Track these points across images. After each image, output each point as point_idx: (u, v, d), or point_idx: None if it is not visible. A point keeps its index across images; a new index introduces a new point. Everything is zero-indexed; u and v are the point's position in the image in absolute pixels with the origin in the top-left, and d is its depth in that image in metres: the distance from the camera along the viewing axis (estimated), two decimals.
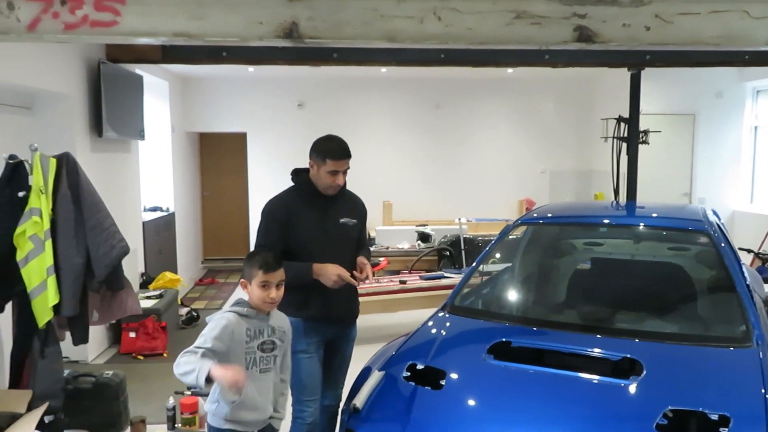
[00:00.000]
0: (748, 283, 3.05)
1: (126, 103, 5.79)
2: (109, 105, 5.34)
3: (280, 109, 9.36)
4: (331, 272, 2.76)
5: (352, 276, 2.84)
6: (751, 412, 2.10)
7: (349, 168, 2.92)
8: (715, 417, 2.10)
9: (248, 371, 2.38)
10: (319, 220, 2.90)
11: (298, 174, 3.00)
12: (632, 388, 2.32)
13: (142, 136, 6.31)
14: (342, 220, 2.95)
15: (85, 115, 5.17)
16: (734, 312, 2.85)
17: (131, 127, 5.97)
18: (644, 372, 2.41)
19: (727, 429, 2.04)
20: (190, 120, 9.16)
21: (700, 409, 2.14)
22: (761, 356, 2.49)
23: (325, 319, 2.92)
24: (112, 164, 5.77)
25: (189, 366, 2.26)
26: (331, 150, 2.87)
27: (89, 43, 5.13)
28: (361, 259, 2.96)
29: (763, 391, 2.22)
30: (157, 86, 7.74)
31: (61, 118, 4.88)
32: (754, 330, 2.67)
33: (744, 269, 3.29)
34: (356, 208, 3.09)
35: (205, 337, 2.33)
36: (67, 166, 3.45)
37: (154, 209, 7.61)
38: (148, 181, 7.32)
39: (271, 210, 2.90)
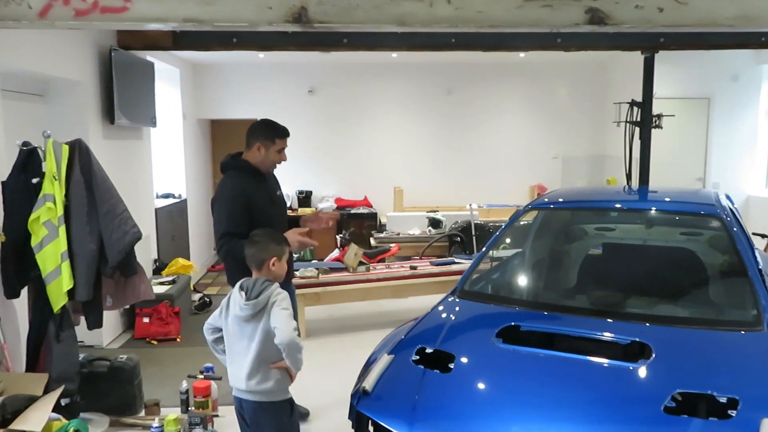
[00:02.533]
0: (760, 267, 3.03)
1: (138, 90, 5.81)
2: (121, 92, 5.37)
3: (290, 95, 9.36)
4: (294, 239, 3.07)
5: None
6: (759, 394, 2.10)
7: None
8: (723, 400, 2.09)
9: None
10: (267, 195, 3.32)
11: (234, 160, 3.34)
12: (641, 372, 2.32)
13: (153, 123, 6.34)
14: (278, 193, 3.46)
15: (97, 102, 5.21)
16: (746, 296, 2.84)
17: (143, 114, 6.00)
18: (653, 355, 2.41)
19: (735, 411, 2.04)
20: (202, 107, 9.19)
21: (709, 392, 2.14)
22: None
23: (291, 279, 3.53)
24: (125, 151, 5.81)
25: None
26: (278, 130, 3.31)
27: (100, 30, 5.15)
28: (313, 214, 3.57)
29: None
30: (168, 73, 7.76)
31: (73, 105, 4.92)
32: (765, 314, 2.66)
33: (757, 254, 3.27)
34: (278, 182, 3.57)
35: (291, 313, 2.51)
36: (79, 153, 3.49)
37: (167, 196, 7.67)
38: (160, 167, 7.37)
39: (233, 199, 3.17)
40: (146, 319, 5.45)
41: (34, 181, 3.35)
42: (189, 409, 3.82)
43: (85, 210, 3.44)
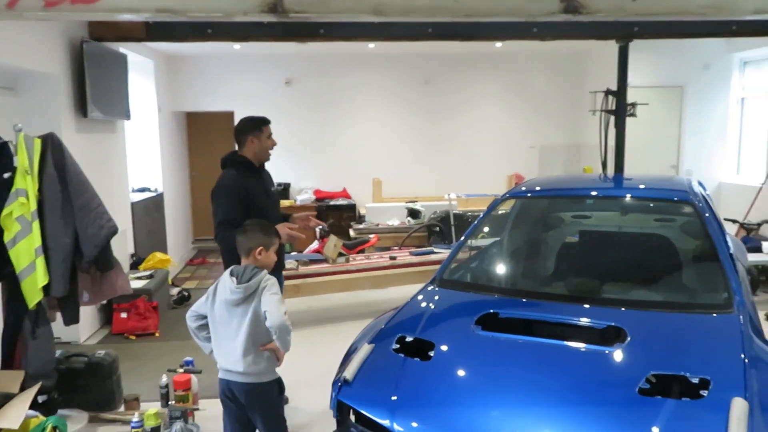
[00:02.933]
0: (731, 252, 3.10)
1: (111, 83, 5.72)
2: (94, 84, 5.28)
3: (267, 86, 9.29)
4: (283, 232, 3.27)
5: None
6: (730, 375, 2.15)
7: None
8: (695, 380, 2.15)
9: None
10: (262, 189, 3.56)
11: (234, 156, 3.56)
12: (616, 355, 2.36)
13: (128, 116, 6.25)
14: (272, 188, 3.72)
15: (70, 94, 5.12)
16: (717, 280, 2.90)
17: (116, 106, 5.91)
18: (628, 339, 2.45)
19: (707, 392, 2.09)
20: (177, 99, 9.08)
21: (682, 373, 2.19)
22: (741, 321, 2.55)
23: (282, 268, 3.70)
24: (99, 145, 5.72)
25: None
26: (262, 120, 3.55)
27: (72, 21, 5.05)
28: (305, 214, 3.79)
29: (742, 355, 2.27)
30: (141, 65, 7.64)
31: (44, 98, 4.83)
32: (735, 296, 2.73)
33: (728, 239, 3.34)
34: (272, 179, 3.81)
35: (281, 299, 2.66)
36: (52, 147, 3.43)
37: (143, 190, 7.58)
38: (135, 161, 7.28)
39: (229, 190, 3.42)
40: (124, 314, 5.39)
41: (6, 175, 3.29)
42: (169, 403, 3.80)
43: (59, 204, 3.39)
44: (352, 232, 7.90)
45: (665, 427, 1.95)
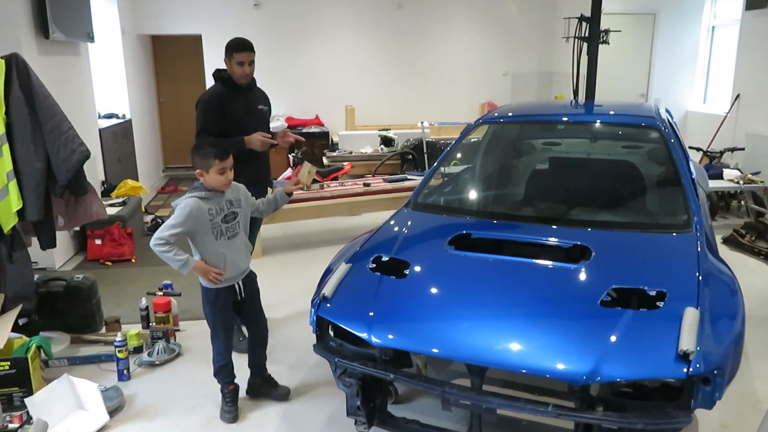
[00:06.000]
0: (693, 177, 3.23)
1: (71, 2, 5.47)
2: (54, 3, 5.04)
3: (235, 9, 8.97)
4: (256, 138, 3.55)
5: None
6: (684, 288, 2.31)
7: (253, 61, 3.62)
8: (653, 293, 2.30)
9: (218, 241, 2.82)
10: (244, 106, 3.65)
11: (220, 72, 3.68)
12: (581, 271, 2.50)
13: (91, 39, 6.02)
14: (260, 107, 3.77)
15: (29, 14, 4.88)
16: (678, 202, 3.04)
17: (79, 28, 5.68)
18: (593, 256, 2.59)
19: (662, 303, 2.24)
20: (141, 22, 8.73)
21: (640, 287, 2.34)
22: (698, 240, 2.70)
23: (255, 182, 3.51)
24: (62, 68, 5.53)
25: (176, 255, 2.71)
26: (233, 45, 3.58)
27: None
28: (282, 130, 3.81)
29: (696, 270, 2.43)
30: None
31: (2, 17, 4.61)
32: (694, 218, 2.88)
33: (691, 165, 3.47)
34: (266, 99, 3.88)
35: (174, 224, 2.71)
36: (17, 68, 3.32)
37: (110, 116, 7.40)
38: (101, 87, 7.06)
39: (207, 102, 3.55)
40: (98, 241, 5.40)
41: None
42: (150, 324, 3.89)
43: (29, 128, 3.32)
44: (325, 160, 7.90)
45: (622, 334, 2.10)
